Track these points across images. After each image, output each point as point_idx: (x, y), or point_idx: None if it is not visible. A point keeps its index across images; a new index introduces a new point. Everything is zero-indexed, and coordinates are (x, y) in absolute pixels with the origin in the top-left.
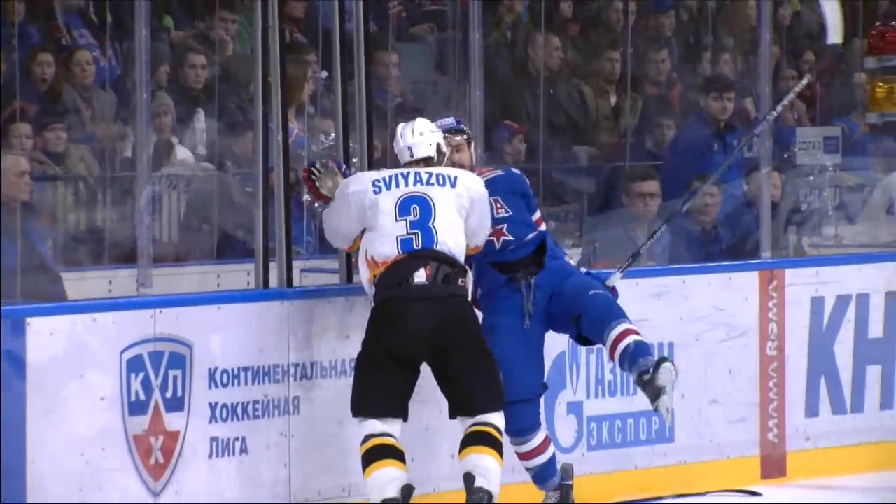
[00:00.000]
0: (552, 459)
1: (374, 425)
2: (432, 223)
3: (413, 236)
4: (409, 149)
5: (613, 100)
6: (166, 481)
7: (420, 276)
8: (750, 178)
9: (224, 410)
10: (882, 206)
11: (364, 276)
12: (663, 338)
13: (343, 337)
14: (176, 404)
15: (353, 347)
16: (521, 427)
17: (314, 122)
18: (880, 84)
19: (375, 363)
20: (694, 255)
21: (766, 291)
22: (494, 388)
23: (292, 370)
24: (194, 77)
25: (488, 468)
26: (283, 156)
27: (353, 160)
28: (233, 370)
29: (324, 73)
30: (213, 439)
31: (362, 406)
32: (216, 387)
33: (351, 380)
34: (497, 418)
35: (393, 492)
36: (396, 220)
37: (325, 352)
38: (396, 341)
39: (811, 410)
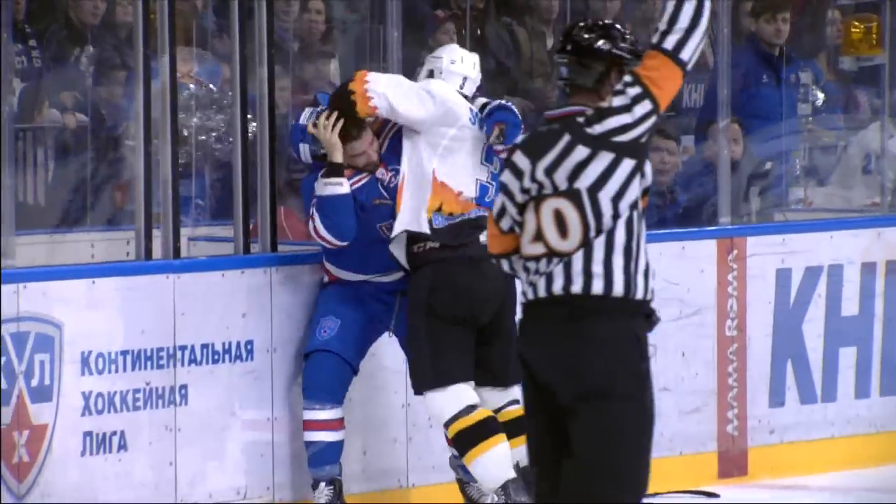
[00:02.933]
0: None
1: (465, 393)
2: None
3: (490, 186)
4: (470, 81)
5: (550, 42)
6: (32, 482)
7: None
8: (707, 133)
9: (99, 401)
10: (857, 166)
11: (416, 204)
12: None
13: (238, 316)
14: (43, 394)
15: (249, 328)
16: None
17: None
18: (856, 23)
19: (446, 325)
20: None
21: (724, 262)
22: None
23: (179, 354)
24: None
25: None
26: (170, 106)
27: (250, 119)
28: (110, 354)
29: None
30: (87, 434)
31: (445, 372)
32: (90, 374)
33: (248, 365)
34: (519, 391)
35: (513, 472)
36: (482, 162)
37: (217, 333)
38: (468, 301)
39: (776, 399)
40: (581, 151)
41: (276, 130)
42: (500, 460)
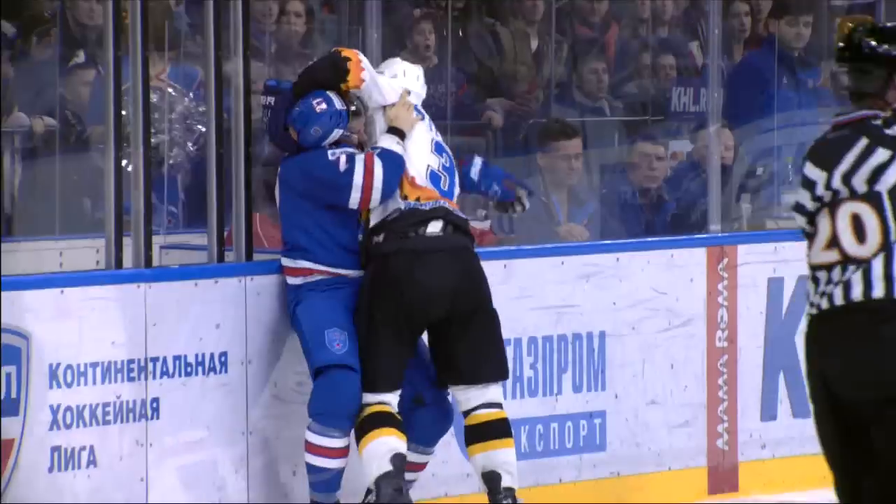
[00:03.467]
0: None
1: (376, 397)
2: (454, 175)
3: (442, 176)
4: (414, 94)
5: (535, 43)
6: None
7: (435, 227)
8: (697, 136)
9: (68, 415)
10: None
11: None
12: (593, 327)
13: (212, 326)
14: (10, 407)
15: (223, 339)
16: None
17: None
18: (849, 24)
19: (387, 329)
20: (630, 228)
21: (714, 271)
22: (503, 355)
23: (151, 366)
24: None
25: (511, 462)
26: (142, 109)
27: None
28: (79, 366)
29: None
30: (55, 449)
31: (374, 383)
32: (58, 386)
33: (222, 377)
34: (500, 393)
35: (388, 465)
36: (431, 151)
37: (190, 344)
38: (412, 300)
39: (768, 413)
40: (881, 154)
41: (252, 134)
42: (376, 453)
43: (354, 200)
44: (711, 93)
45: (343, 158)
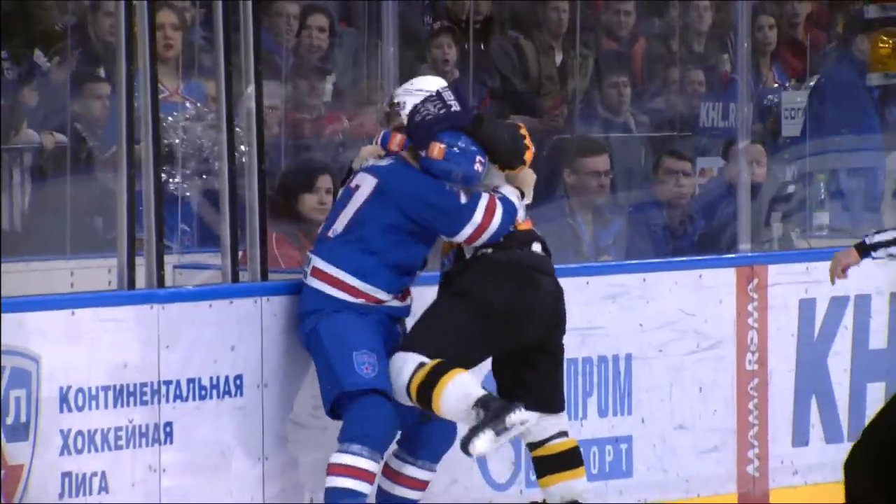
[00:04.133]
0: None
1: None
2: None
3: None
4: None
5: (559, 57)
6: None
7: (536, 248)
8: (729, 155)
9: (79, 439)
10: (889, 190)
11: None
12: (619, 349)
13: (227, 349)
14: (19, 432)
15: (238, 361)
16: None
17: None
18: (884, 38)
19: (486, 330)
20: (658, 248)
21: (744, 292)
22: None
23: (164, 390)
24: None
25: (587, 490)
26: (152, 125)
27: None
28: (90, 390)
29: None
30: (66, 475)
31: (439, 352)
32: (69, 410)
33: (237, 400)
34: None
35: (481, 389)
36: None
37: (204, 367)
38: (520, 311)
39: (800, 438)
40: None
41: (266, 151)
42: (462, 386)
43: (464, 235)
44: (741, 107)
45: (461, 192)
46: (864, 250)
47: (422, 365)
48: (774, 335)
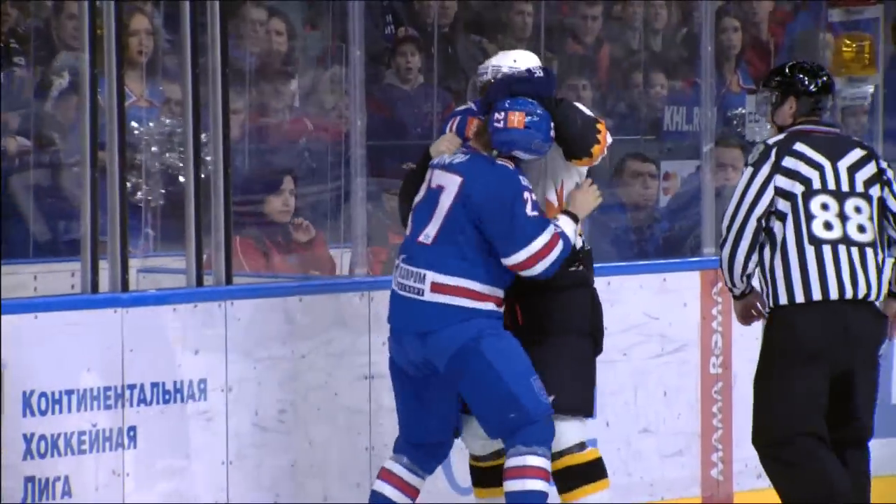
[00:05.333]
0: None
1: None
2: None
3: None
4: None
5: None
6: None
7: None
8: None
9: (42, 444)
10: None
11: None
12: None
13: (191, 353)
14: None
15: (203, 366)
16: None
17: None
18: (847, 41)
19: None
20: (621, 251)
21: (709, 296)
22: None
23: (128, 394)
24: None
25: None
26: (117, 129)
27: (203, 136)
28: (53, 394)
29: None
30: (29, 479)
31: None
32: (32, 415)
33: (201, 405)
34: None
35: None
36: None
37: (168, 371)
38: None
39: None
40: None
41: (231, 155)
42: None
43: (518, 259)
44: (704, 112)
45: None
46: (734, 296)
47: (581, 447)
48: (738, 339)
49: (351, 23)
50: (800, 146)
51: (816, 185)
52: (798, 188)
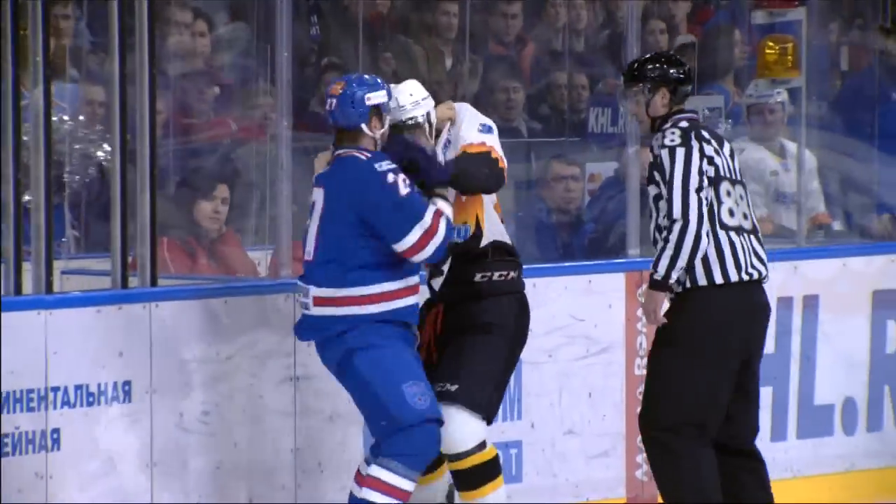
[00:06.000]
0: None
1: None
2: None
3: None
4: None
5: (449, 62)
6: None
7: None
8: (622, 159)
9: None
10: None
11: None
12: None
13: (115, 354)
14: None
15: (127, 368)
16: None
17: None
18: (771, 44)
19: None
20: (546, 252)
21: (634, 297)
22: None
23: (51, 396)
24: None
25: None
26: (43, 128)
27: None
28: None
29: None
30: None
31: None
32: None
33: (126, 407)
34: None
35: None
36: None
37: (92, 373)
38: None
39: None
40: None
41: (157, 155)
42: (502, 497)
43: (409, 242)
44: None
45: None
46: (663, 287)
47: (482, 446)
48: None
49: (279, 21)
50: (703, 132)
51: (722, 171)
52: (711, 172)
